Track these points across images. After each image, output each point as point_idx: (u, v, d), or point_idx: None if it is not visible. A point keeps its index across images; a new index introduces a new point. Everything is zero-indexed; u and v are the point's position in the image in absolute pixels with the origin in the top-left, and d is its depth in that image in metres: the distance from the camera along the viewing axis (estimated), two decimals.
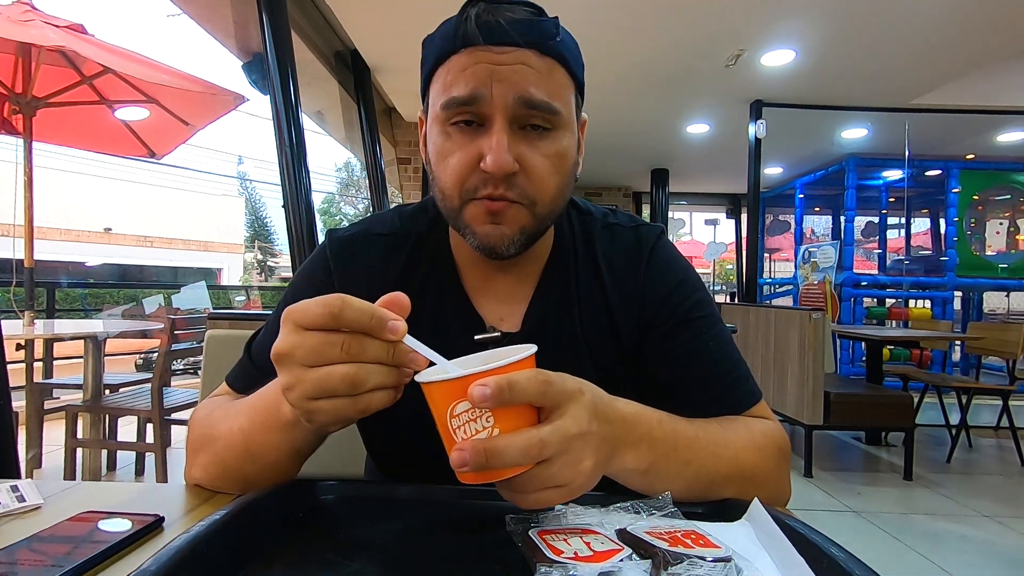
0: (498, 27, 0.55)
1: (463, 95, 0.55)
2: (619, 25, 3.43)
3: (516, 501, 0.44)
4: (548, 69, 0.57)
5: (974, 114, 4.85)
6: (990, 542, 2.41)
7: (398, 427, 0.66)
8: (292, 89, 2.64)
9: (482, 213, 0.59)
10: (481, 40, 0.55)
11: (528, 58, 0.56)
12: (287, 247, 2.95)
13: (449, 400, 0.41)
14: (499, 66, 0.55)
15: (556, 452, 0.42)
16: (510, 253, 0.60)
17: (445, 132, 0.58)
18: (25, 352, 2.84)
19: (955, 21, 3.27)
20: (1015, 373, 3.73)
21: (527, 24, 0.56)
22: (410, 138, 5.47)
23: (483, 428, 0.41)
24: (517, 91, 0.55)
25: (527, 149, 0.57)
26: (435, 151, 0.60)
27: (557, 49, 0.57)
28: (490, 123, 0.56)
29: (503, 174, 0.56)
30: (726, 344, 0.67)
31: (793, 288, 6.89)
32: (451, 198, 0.59)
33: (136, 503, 0.56)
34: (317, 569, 0.42)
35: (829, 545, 0.41)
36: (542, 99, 0.56)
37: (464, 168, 0.57)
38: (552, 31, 0.57)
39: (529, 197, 0.58)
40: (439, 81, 0.58)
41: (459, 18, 0.57)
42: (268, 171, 36.23)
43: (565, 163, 0.60)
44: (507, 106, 0.55)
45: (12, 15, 2.70)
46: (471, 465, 0.40)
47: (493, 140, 0.55)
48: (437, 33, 0.60)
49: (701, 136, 5.82)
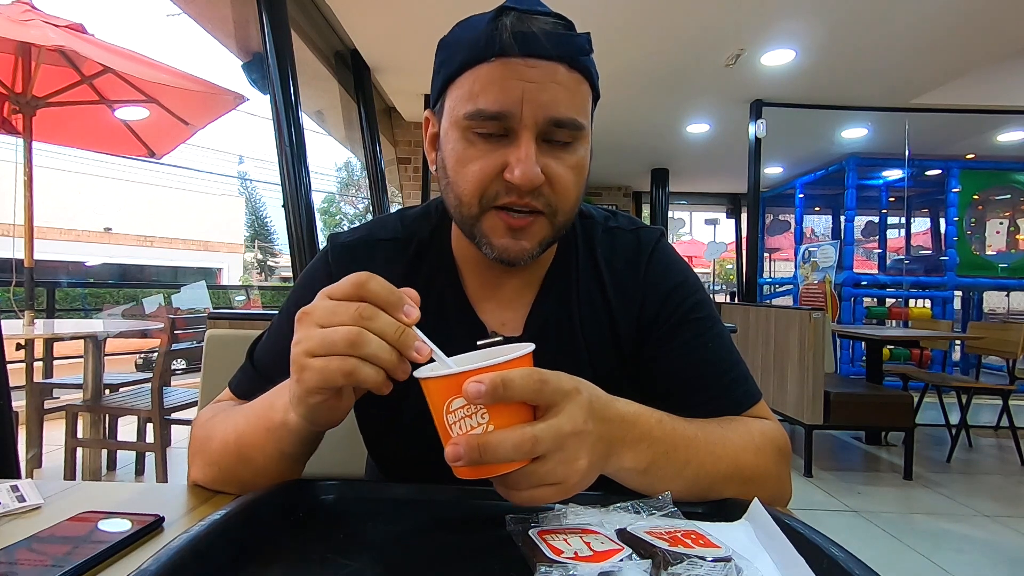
0: (533, 38, 0.54)
1: (493, 110, 0.55)
2: (619, 25, 3.43)
3: (511, 498, 0.45)
4: (575, 84, 0.57)
5: (974, 114, 4.85)
6: (990, 542, 2.41)
7: (400, 429, 0.67)
8: (292, 89, 2.64)
9: (501, 226, 0.59)
10: (516, 51, 0.54)
11: (558, 73, 0.55)
12: (287, 247, 2.95)
13: (445, 396, 0.42)
14: (530, 83, 0.54)
15: (550, 449, 0.42)
16: (528, 263, 0.61)
17: (467, 139, 0.58)
18: (25, 352, 2.84)
19: (955, 21, 3.27)
20: (1015, 373, 3.73)
21: (562, 38, 0.55)
22: (410, 138, 5.46)
23: (478, 424, 0.42)
24: (547, 111, 0.55)
25: (552, 161, 0.57)
26: (454, 157, 0.59)
27: (584, 63, 0.57)
28: (516, 135, 0.56)
29: (531, 187, 0.56)
30: (725, 344, 0.67)
31: (793, 288, 6.89)
32: (469, 205, 0.59)
33: (136, 503, 0.56)
34: (317, 569, 0.42)
35: (829, 545, 0.41)
36: (570, 118, 0.56)
37: (486, 176, 0.57)
38: (585, 47, 0.57)
39: (552, 207, 0.59)
40: (464, 88, 0.57)
41: (491, 26, 0.55)
42: (268, 171, 36.30)
43: (584, 173, 0.61)
44: (536, 124, 0.55)
45: (12, 15, 2.70)
46: (465, 460, 0.41)
47: (522, 152, 0.55)
48: (462, 37, 0.59)
49: (701, 136, 5.82)
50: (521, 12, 0.56)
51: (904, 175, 5.90)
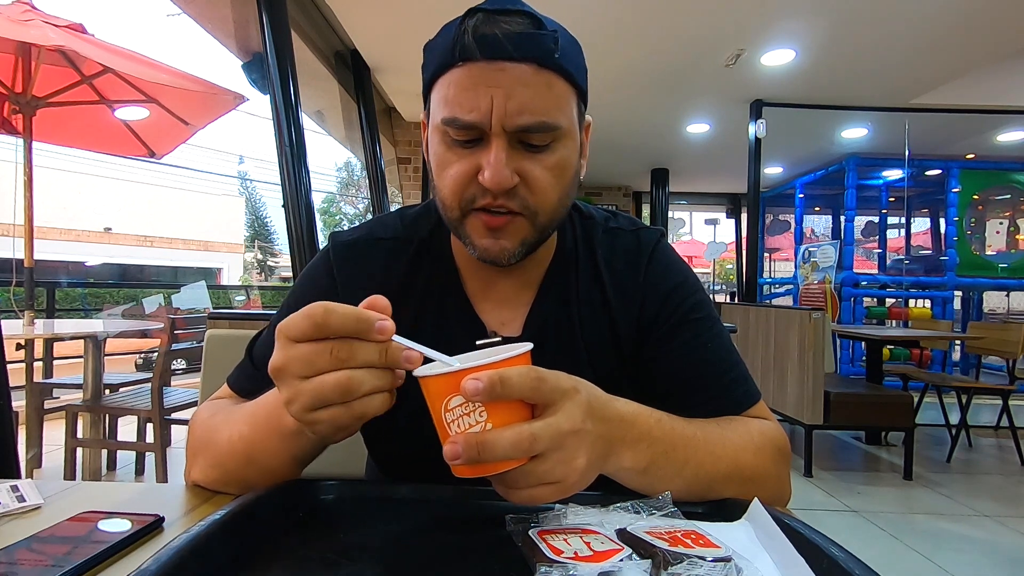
0: (495, 41, 0.53)
1: (462, 119, 0.55)
2: (619, 25, 3.43)
3: (509, 497, 0.45)
4: (546, 83, 0.55)
5: (974, 114, 4.85)
6: (990, 542, 2.41)
7: (400, 430, 0.66)
8: (292, 89, 2.64)
9: (481, 226, 0.59)
10: (479, 55, 0.54)
11: (525, 74, 0.54)
12: (287, 247, 2.95)
13: (444, 394, 0.42)
14: (496, 88, 0.54)
15: (548, 448, 0.42)
16: (511, 263, 0.61)
17: (445, 143, 0.58)
18: (25, 352, 2.84)
19: (955, 21, 3.27)
20: (1015, 373, 3.73)
21: (526, 38, 0.54)
22: (410, 138, 5.46)
23: (476, 423, 0.42)
24: (514, 118, 0.54)
25: (527, 162, 0.57)
26: (435, 160, 0.60)
27: (556, 62, 0.56)
28: (488, 140, 0.56)
29: (501, 190, 0.56)
30: (725, 345, 0.67)
31: (793, 288, 6.89)
32: (451, 208, 0.59)
33: (136, 503, 0.56)
34: (317, 569, 0.42)
35: (829, 545, 0.41)
36: (538, 121, 0.55)
37: (463, 179, 0.57)
38: (550, 46, 0.55)
39: (531, 208, 0.58)
40: (440, 93, 0.57)
41: (458, 30, 0.55)
42: (268, 171, 36.28)
43: (567, 173, 0.60)
44: (504, 129, 0.55)
45: (12, 15, 2.70)
46: (463, 458, 0.40)
47: (491, 156, 0.55)
48: (437, 40, 0.59)
49: (701, 136, 5.82)
50: (488, 13, 0.55)
51: (904, 175, 5.90)
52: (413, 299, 0.68)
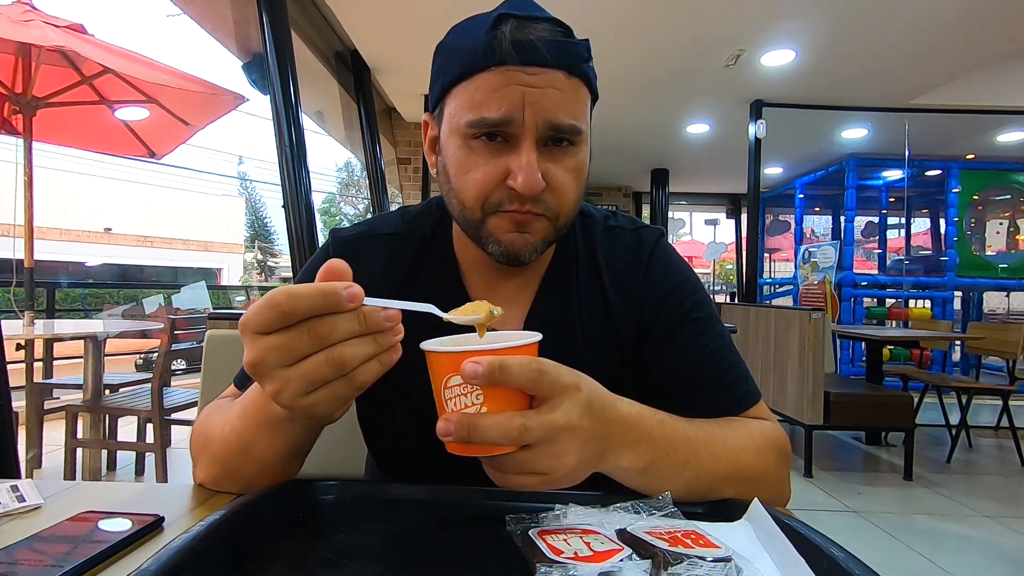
0: (532, 47, 0.55)
1: (495, 117, 0.55)
2: (619, 26, 3.43)
3: (496, 480, 0.45)
4: (574, 89, 0.57)
5: (974, 114, 4.85)
6: (990, 542, 2.41)
7: (400, 429, 0.67)
8: (292, 89, 2.64)
9: (507, 223, 0.59)
10: (516, 60, 0.55)
11: (557, 80, 0.56)
12: (287, 247, 2.95)
13: (446, 372, 0.43)
14: (530, 88, 0.55)
15: (538, 440, 0.42)
16: (531, 260, 0.61)
17: (468, 146, 0.58)
18: (25, 352, 2.84)
19: (955, 21, 3.27)
20: (1015, 373, 3.73)
21: (562, 46, 0.56)
22: (410, 138, 5.46)
23: (472, 404, 0.42)
24: (547, 116, 0.56)
25: (552, 165, 0.58)
26: (455, 163, 0.60)
27: (583, 69, 0.58)
28: (517, 142, 0.57)
29: (533, 194, 0.57)
30: (725, 345, 0.67)
31: (793, 288, 6.89)
32: (472, 211, 0.60)
33: (136, 503, 0.55)
34: (317, 569, 0.42)
35: (829, 545, 0.41)
36: (570, 123, 0.57)
37: (489, 183, 0.58)
38: (584, 54, 0.58)
39: (553, 211, 0.60)
40: (464, 96, 0.58)
41: (491, 35, 0.56)
42: (268, 171, 36.29)
43: (583, 175, 0.62)
44: (537, 129, 0.56)
45: (12, 15, 2.70)
46: (454, 436, 0.41)
47: (523, 159, 0.56)
48: (459, 43, 0.59)
49: (701, 136, 5.82)
50: (520, 19, 0.56)
51: (904, 175, 5.90)
52: (413, 296, 0.68)
